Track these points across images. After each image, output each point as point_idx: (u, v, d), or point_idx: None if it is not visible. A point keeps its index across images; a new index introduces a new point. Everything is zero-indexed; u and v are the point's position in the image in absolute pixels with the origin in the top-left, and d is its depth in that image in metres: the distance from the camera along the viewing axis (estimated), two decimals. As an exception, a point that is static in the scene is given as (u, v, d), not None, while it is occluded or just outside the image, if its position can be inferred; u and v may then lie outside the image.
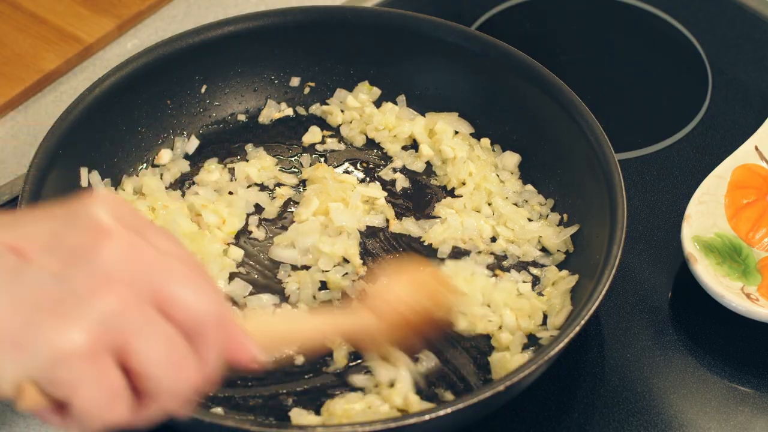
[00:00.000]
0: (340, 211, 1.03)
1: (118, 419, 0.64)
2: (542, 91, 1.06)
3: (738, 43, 1.29)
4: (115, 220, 0.64)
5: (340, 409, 0.89)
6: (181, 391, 0.65)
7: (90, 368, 0.62)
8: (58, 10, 1.26)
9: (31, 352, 0.61)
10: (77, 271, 0.62)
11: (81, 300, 0.62)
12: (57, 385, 0.62)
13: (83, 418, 0.63)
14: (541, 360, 0.85)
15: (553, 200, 1.06)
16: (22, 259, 0.62)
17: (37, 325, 0.61)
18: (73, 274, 0.62)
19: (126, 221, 0.65)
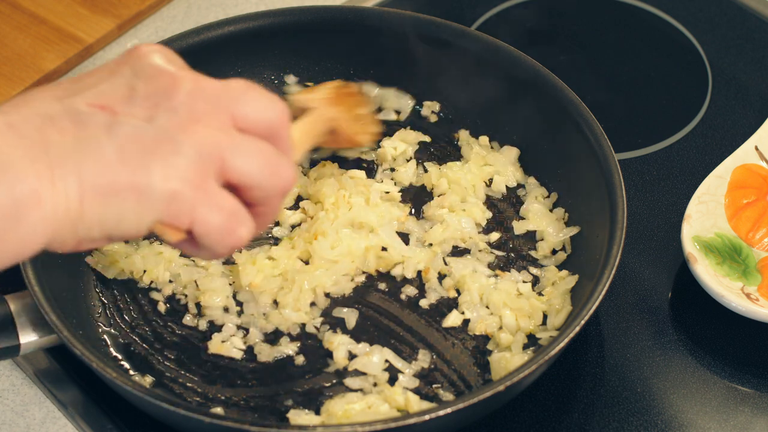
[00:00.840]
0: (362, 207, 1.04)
1: (240, 239, 0.72)
2: (542, 91, 1.06)
3: (738, 43, 1.29)
4: (173, 65, 0.71)
5: (340, 409, 0.89)
6: (283, 187, 0.73)
7: (201, 195, 0.68)
8: (58, 10, 1.26)
9: (148, 193, 0.67)
10: (163, 114, 0.68)
11: (174, 138, 0.68)
12: (179, 217, 0.68)
13: (211, 243, 0.71)
14: (541, 360, 0.85)
15: (557, 194, 1.07)
16: (111, 114, 0.68)
17: (145, 168, 0.67)
18: (160, 118, 0.68)
19: (178, 63, 0.72)
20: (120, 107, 0.68)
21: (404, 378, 0.93)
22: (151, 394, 0.84)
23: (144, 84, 0.69)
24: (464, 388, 0.93)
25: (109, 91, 0.69)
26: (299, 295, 0.98)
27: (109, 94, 0.69)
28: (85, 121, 0.67)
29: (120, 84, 0.70)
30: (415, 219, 1.06)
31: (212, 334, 0.96)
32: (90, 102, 0.68)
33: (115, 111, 0.68)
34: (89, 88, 0.69)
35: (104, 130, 0.67)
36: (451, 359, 0.95)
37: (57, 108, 0.67)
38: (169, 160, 0.67)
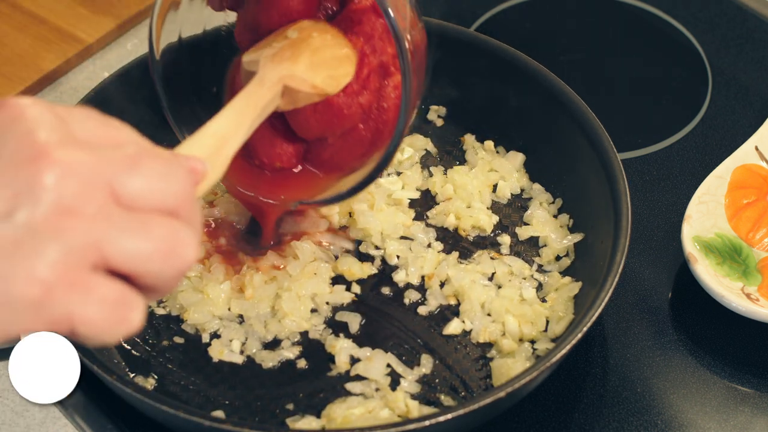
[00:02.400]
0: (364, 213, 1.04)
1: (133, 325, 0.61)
2: (543, 93, 1.06)
3: (738, 43, 1.29)
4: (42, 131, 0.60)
5: (341, 414, 0.89)
6: (180, 269, 0.62)
7: (77, 295, 0.59)
8: (58, 10, 1.26)
9: (8, 302, 0.58)
10: (24, 207, 0.58)
11: (37, 235, 0.58)
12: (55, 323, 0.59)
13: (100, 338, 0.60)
14: (543, 367, 0.85)
15: (562, 200, 1.07)
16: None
17: (2, 275, 0.58)
18: (21, 211, 0.58)
19: (50, 125, 0.60)
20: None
21: (406, 383, 0.93)
22: (151, 397, 0.84)
23: (4, 165, 0.59)
24: (466, 394, 0.93)
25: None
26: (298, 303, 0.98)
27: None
28: None
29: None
30: (419, 224, 1.05)
31: (212, 339, 0.96)
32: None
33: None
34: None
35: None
36: (453, 365, 0.95)
37: None
38: (31, 262, 0.58)
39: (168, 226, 0.61)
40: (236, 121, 0.80)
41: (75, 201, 0.59)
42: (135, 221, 0.60)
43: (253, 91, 0.84)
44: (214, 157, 0.74)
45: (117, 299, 0.60)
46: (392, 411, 0.90)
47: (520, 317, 0.97)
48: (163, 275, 0.61)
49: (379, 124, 0.93)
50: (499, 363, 0.94)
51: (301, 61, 0.87)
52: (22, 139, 0.59)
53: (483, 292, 0.99)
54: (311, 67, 0.87)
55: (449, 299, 1.00)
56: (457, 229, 1.06)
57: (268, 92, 0.85)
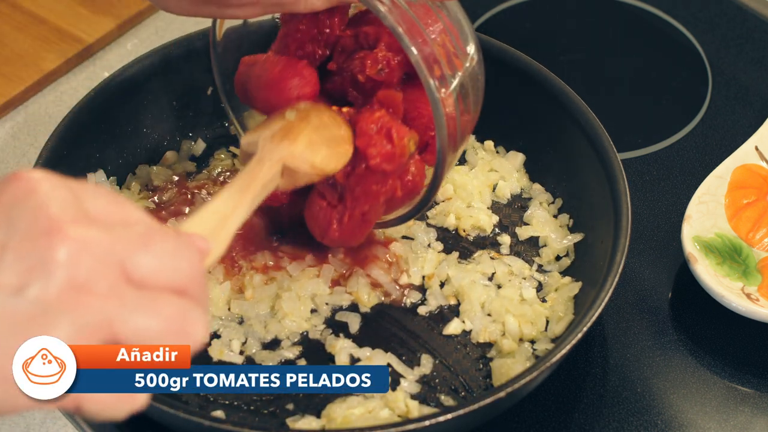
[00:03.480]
0: None
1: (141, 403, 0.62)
2: (543, 93, 1.06)
3: (738, 43, 1.29)
4: (55, 207, 0.60)
5: (341, 414, 0.89)
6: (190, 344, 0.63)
7: None
8: (58, 10, 1.26)
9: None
10: (37, 283, 0.58)
11: (50, 310, 0.58)
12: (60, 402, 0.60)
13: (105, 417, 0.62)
14: (543, 367, 0.85)
15: (562, 200, 1.07)
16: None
17: (10, 351, 0.58)
18: (33, 287, 0.58)
19: (63, 201, 0.61)
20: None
21: (406, 383, 0.93)
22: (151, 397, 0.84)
23: (17, 240, 0.59)
24: (466, 394, 0.93)
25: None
26: (298, 304, 0.98)
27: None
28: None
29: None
30: (420, 224, 1.05)
31: (212, 339, 0.96)
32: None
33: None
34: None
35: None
36: (453, 365, 0.95)
37: None
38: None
39: (177, 305, 0.61)
40: (237, 200, 0.81)
41: (87, 278, 0.59)
42: (145, 300, 0.60)
43: (253, 171, 0.85)
44: (216, 234, 0.76)
45: None
46: (392, 411, 0.90)
47: (520, 317, 0.97)
48: None
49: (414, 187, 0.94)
50: (499, 363, 0.94)
51: (300, 140, 0.88)
52: (36, 213, 0.60)
53: (483, 292, 0.99)
54: (310, 147, 0.89)
55: (449, 299, 1.00)
56: (457, 229, 1.06)
57: (267, 172, 0.86)
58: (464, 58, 0.88)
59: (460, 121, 0.86)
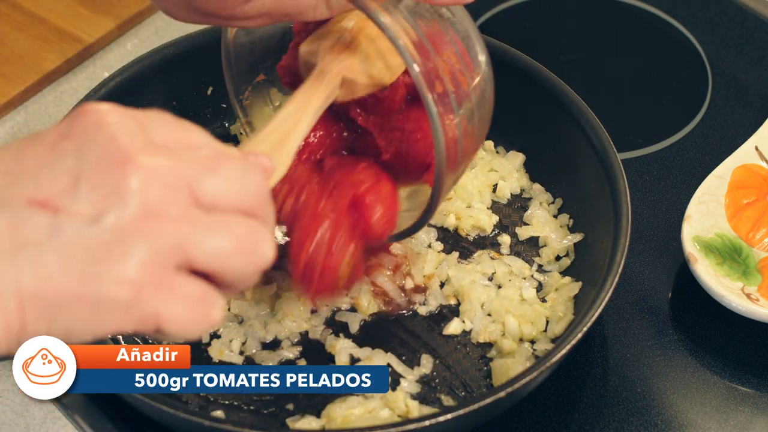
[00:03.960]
0: None
1: (213, 322, 0.64)
2: (543, 93, 1.06)
3: (738, 43, 1.29)
4: (124, 137, 0.62)
5: (341, 414, 0.89)
6: (258, 267, 0.65)
7: (162, 293, 0.61)
8: (58, 10, 1.26)
9: (100, 302, 0.60)
10: (111, 211, 0.60)
11: (125, 238, 0.60)
12: (143, 323, 0.61)
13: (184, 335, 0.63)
14: (543, 367, 0.85)
15: (562, 200, 1.07)
16: (51, 212, 0.60)
17: (93, 275, 0.60)
18: (108, 215, 0.60)
19: (131, 131, 0.63)
20: (63, 202, 0.61)
21: (406, 383, 0.93)
22: (151, 397, 0.84)
23: (89, 171, 0.61)
24: (466, 394, 0.93)
25: (50, 181, 0.61)
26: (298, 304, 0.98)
27: (50, 186, 0.61)
28: (23, 224, 0.60)
29: (62, 171, 0.61)
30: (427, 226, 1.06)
31: (212, 339, 0.96)
32: (29, 196, 0.61)
33: (56, 207, 0.61)
34: (28, 176, 0.62)
35: (44, 233, 0.60)
36: (453, 365, 0.95)
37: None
38: (121, 264, 0.60)
39: (246, 226, 0.63)
40: (299, 115, 0.82)
41: (159, 204, 0.61)
42: (216, 222, 0.63)
43: (314, 84, 0.86)
44: (278, 151, 0.77)
45: (200, 297, 0.62)
46: (392, 411, 0.90)
47: (520, 317, 0.97)
48: (243, 273, 0.64)
49: None
50: (499, 363, 0.94)
51: (359, 52, 0.88)
52: (106, 145, 0.61)
53: (483, 292, 0.99)
54: (368, 59, 0.88)
55: (449, 299, 1.00)
56: (457, 229, 1.06)
57: (328, 84, 0.86)
58: (471, 74, 0.87)
59: (461, 141, 0.85)
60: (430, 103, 0.80)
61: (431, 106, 0.81)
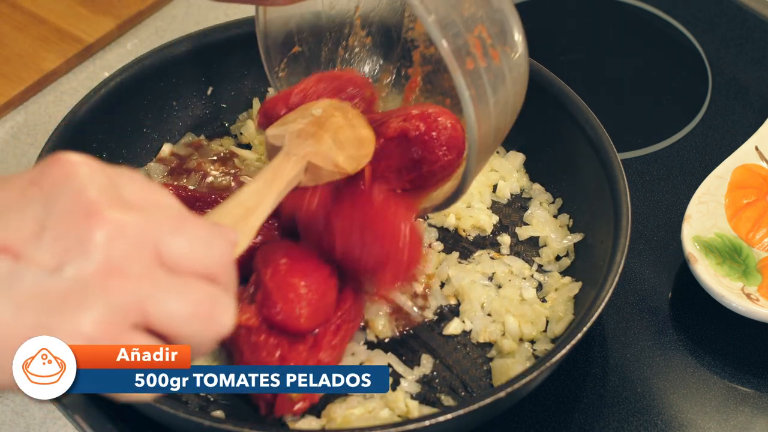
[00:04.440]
0: None
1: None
2: (543, 93, 1.06)
3: (738, 43, 1.29)
4: (93, 190, 0.61)
5: (341, 414, 0.89)
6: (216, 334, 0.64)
7: None
8: (58, 10, 1.26)
9: None
10: (73, 262, 0.60)
11: (85, 291, 0.60)
12: None
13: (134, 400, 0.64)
14: (543, 367, 0.85)
15: (562, 200, 1.07)
16: (12, 258, 0.60)
17: (46, 327, 0.59)
18: (70, 267, 0.60)
19: (100, 185, 0.62)
20: (25, 248, 0.60)
21: (406, 383, 0.93)
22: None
23: (56, 220, 0.60)
24: (466, 394, 0.93)
25: (14, 227, 0.60)
26: None
27: (14, 231, 0.60)
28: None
29: (28, 217, 0.60)
30: (422, 223, 1.05)
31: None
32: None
33: (18, 254, 0.60)
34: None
35: (3, 279, 0.59)
36: (453, 365, 0.95)
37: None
38: (76, 317, 0.59)
39: (207, 292, 0.63)
40: (263, 194, 0.82)
41: (123, 260, 0.60)
42: (177, 283, 0.62)
43: (279, 165, 0.86)
44: (241, 225, 0.77)
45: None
46: (392, 411, 0.90)
47: (520, 317, 0.97)
48: (199, 339, 0.63)
49: None
50: (499, 363, 0.94)
51: (326, 139, 0.89)
52: (74, 196, 0.61)
53: (483, 292, 0.99)
54: (334, 146, 0.90)
55: (449, 299, 1.00)
56: (457, 229, 1.06)
57: (294, 167, 0.87)
58: (504, 50, 0.85)
59: (494, 118, 0.83)
60: (462, 86, 0.78)
61: (463, 89, 0.78)
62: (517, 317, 0.97)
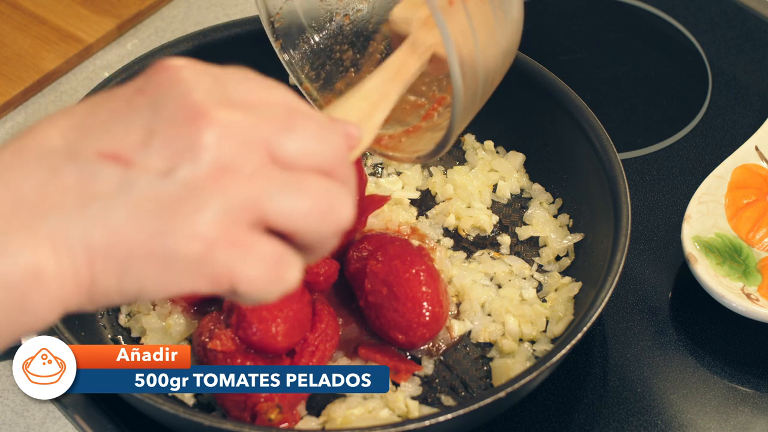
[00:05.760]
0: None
1: (289, 284, 0.61)
2: (543, 93, 1.06)
3: (738, 43, 1.29)
4: (199, 93, 0.60)
5: (341, 414, 0.89)
6: (336, 229, 0.62)
7: (236, 251, 0.59)
8: (58, 10, 1.26)
9: (171, 258, 0.58)
10: (184, 166, 0.58)
11: (197, 193, 0.58)
12: (215, 281, 0.59)
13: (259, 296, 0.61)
14: (543, 367, 0.85)
15: (562, 200, 1.07)
16: (123, 165, 0.58)
17: (164, 231, 0.58)
18: (181, 170, 0.58)
19: (207, 87, 0.61)
20: (135, 155, 0.59)
21: (406, 383, 0.93)
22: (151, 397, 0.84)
23: (163, 125, 0.59)
24: (466, 394, 0.93)
25: (123, 134, 0.59)
26: None
27: (123, 139, 0.59)
28: (94, 177, 0.58)
29: (136, 125, 0.60)
30: (426, 221, 1.05)
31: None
32: (100, 150, 0.59)
33: (129, 161, 0.59)
34: (101, 130, 0.60)
35: (116, 187, 0.58)
36: (453, 365, 0.95)
37: (62, 155, 0.59)
38: (193, 220, 0.58)
39: (324, 185, 0.61)
40: (388, 86, 0.79)
41: (233, 160, 0.59)
42: (293, 180, 0.60)
43: (405, 57, 0.83)
44: (366, 121, 0.74)
45: (275, 257, 0.60)
46: (392, 411, 0.90)
47: (520, 317, 0.97)
48: (320, 234, 0.61)
49: None
50: (499, 363, 0.94)
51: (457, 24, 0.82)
52: (181, 100, 0.60)
53: (483, 292, 0.99)
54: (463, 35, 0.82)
55: (451, 299, 1.00)
56: (457, 229, 1.06)
57: (419, 59, 0.83)
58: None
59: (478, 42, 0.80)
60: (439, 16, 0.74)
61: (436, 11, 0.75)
62: (517, 317, 0.97)
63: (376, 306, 0.93)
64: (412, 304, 0.92)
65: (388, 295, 0.93)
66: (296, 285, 0.62)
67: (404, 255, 0.94)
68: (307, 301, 0.92)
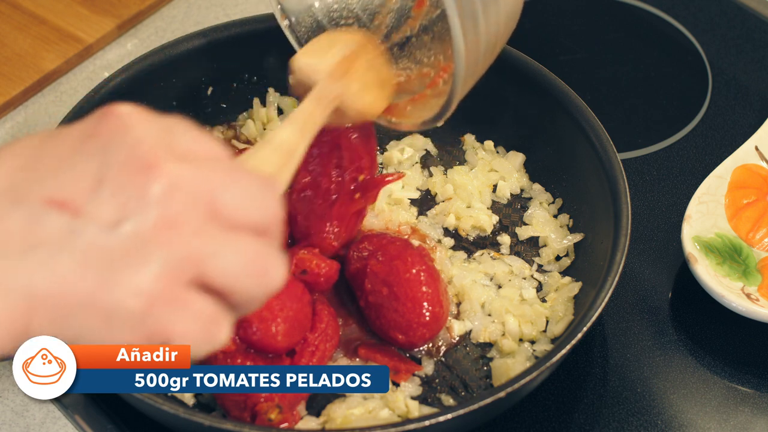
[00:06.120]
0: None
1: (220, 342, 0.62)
2: (543, 93, 1.06)
3: (738, 43, 1.29)
4: (150, 143, 0.60)
5: (341, 414, 0.89)
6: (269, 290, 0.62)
7: (176, 309, 0.59)
8: (58, 10, 1.26)
9: (112, 313, 0.58)
10: (132, 217, 0.58)
11: (143, 246, 0.58)
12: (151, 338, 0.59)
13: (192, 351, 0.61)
14: (543, 367, 0.85)
15: (562, 200, 1.07)
16: (71, 213, 0.58)
17: (108, 284, 0.58)
18: (128, 222, 0.58)
19: (156, 136, 0.61)
20: (83, 203, 0.58)
21: (406, 383, 0.93)
22: (151, 397, 0.84)
23: (113, 173, 0.59)
24: (466, 394, 0.93)
25: (71, 181, 0.59)
26: None
27: (71, 186, 0.59)
28: (40, 223, 0.58)
29: (85, 172, 0.59)
30: (426, 221, 1.05)
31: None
32: (49, 195, 0.58)
33: (76, 209, 0.58)
34: (49, 174, 0.59)
35: (62, 235, 0.58)
36: (453, 365, 0.95)
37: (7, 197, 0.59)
38: (137, 274, 0.58)
39: (260, 248, 0.61)
40: (297, 140, 0.79)
41: (180, 214, 0.59)
42: (231, 238, 0.60)
43: (312, 110, 0.84)
44: (281, 171, 0.75)
45: (210, 316, 0.60)
46: (392, 411, 0.90)
47: (520, 317, 0.97)
48: (253, 294, 0.62)
49: None
50: (499, 363, 0.94)
51: (355, 81, 0.87)
52: (131, 149, 0.59)
53: (483, 292, 0.99)
54: (362, 90, 0.88)
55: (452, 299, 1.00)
56: (457, 229, 1.06)
57: (324, 111, 0.84)
58: None
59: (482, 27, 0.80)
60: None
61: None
62: (517, 317, 0.97)
63: (376, 306, 0.94)
64: (412, 304, 0.92)
65: (388, 295, 0.93)
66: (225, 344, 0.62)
67: (404, 255, 0.94)
68: (307, 301, 0.92)
